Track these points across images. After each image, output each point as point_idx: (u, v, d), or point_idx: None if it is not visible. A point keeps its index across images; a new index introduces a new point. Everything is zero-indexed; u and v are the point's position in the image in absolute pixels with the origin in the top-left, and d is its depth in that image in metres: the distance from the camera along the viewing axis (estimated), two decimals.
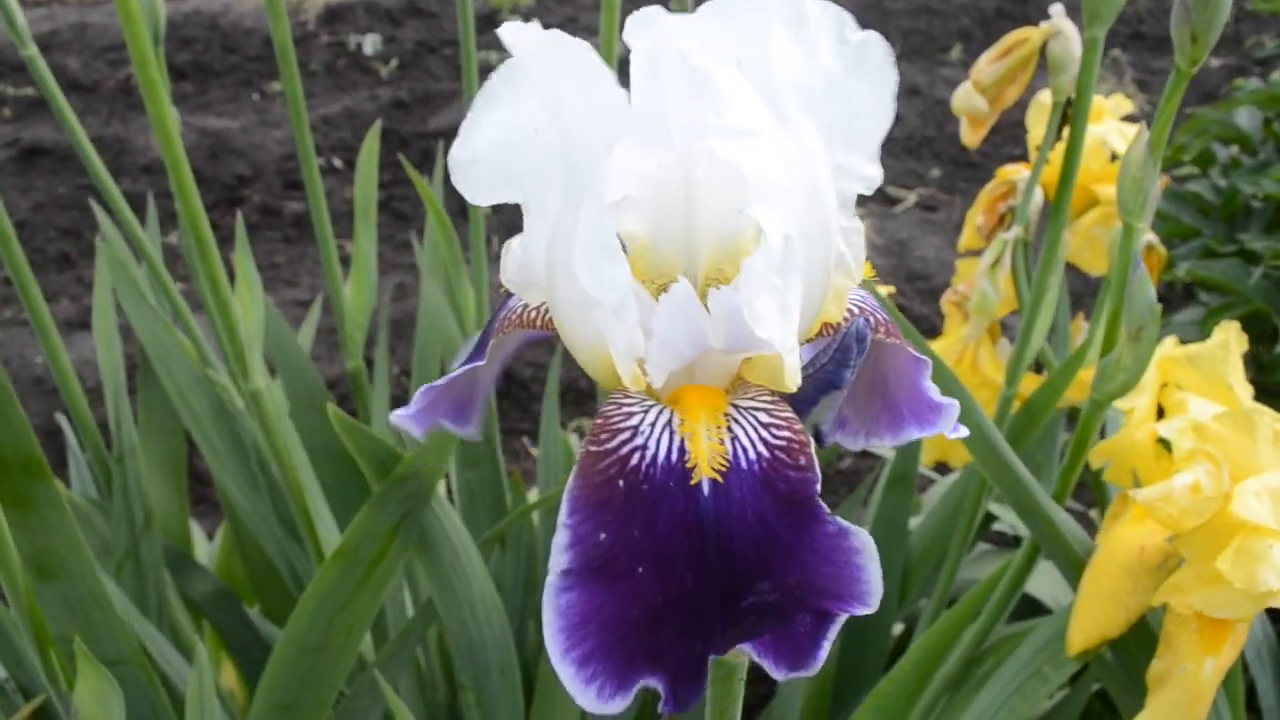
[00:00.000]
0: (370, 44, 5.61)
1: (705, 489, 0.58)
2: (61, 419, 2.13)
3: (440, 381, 0.76)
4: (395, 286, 3.77)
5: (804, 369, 0.66)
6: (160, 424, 1.84)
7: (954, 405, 0.72)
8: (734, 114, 0.60)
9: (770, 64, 0.63)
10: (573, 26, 5.85)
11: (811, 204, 0.63)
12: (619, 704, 0.56)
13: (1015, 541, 2.12)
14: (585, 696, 0.55)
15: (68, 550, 1.25)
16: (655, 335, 0.60)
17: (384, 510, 1.34)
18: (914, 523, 1.85)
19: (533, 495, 2.06)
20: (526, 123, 0.63)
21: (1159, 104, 1.13)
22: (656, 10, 0.62)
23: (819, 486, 0.59)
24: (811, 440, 0.61)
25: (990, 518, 1.94)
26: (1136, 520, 1.20)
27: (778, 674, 0.57)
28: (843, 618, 0.57)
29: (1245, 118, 3.32)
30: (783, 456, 0.59)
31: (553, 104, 0.61)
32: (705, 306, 0.61)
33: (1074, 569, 1.28)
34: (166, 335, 1.62)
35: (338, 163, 4.68)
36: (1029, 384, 1.67)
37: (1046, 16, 1.64)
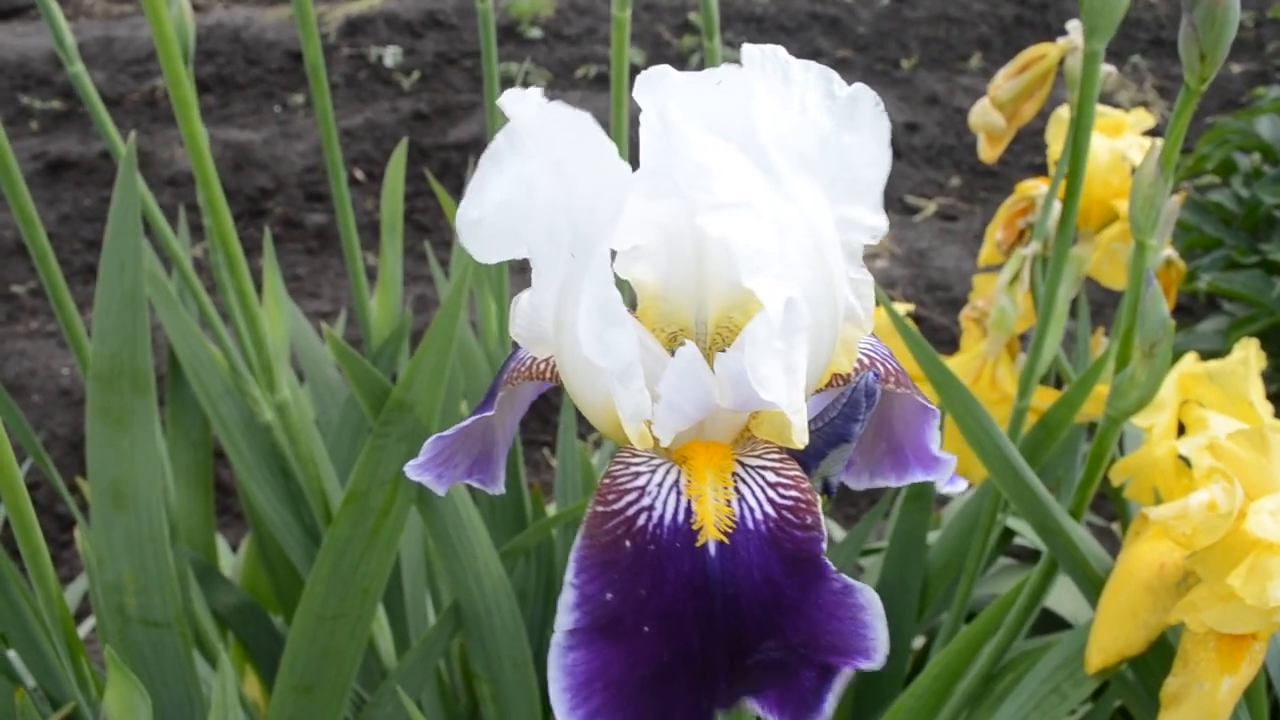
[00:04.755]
0: (391, 56, 5.66)
1: (712, 550, 0.58)
2: None
3: (450, 432, 0.77)
4: (416, 298, 3.80)
5: (813, 422, 0.66)
6: (188, 434, 1.86)
7: (952, 460, 0.74)
8: (721, 187, 0.60)
9: (761, 127, 0.63)
10: (592, 38, 5.88)
11: (814, 263, 0.63)
12: None
13: (1035, 556, 2.12)
14: None
15: (145, 478, 1.30)
16: (662, 399, 0.60)
17: (386, 449, 1.35)
18: (933, 537, 1.85)
19: (553, 508, 2.08)
20: (532, 184, 0.63)
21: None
22: (665, 70, 0.64)
23: (825, 544, 0.60)
24: (818, 498, 0.62)
25: (1010, 532, 1.94)
26: (1156, 538, 1.20)
27: None
28: (848, 672, 0.57)
29: (1267, 127, 3.30)
30: (789, 516, 0.60)
31: (556, 171, 0.62)
32: (712, 365, 0.61)
33: (1092, 586, 1.29)
34: (199, 345, 1.64)
35: (359, 174, 4.72)
36: (1047, 398, 1.68)
37: (1065, 25, 1.64)
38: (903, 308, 1.80)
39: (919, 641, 1.95)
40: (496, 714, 1.55)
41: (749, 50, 0.65)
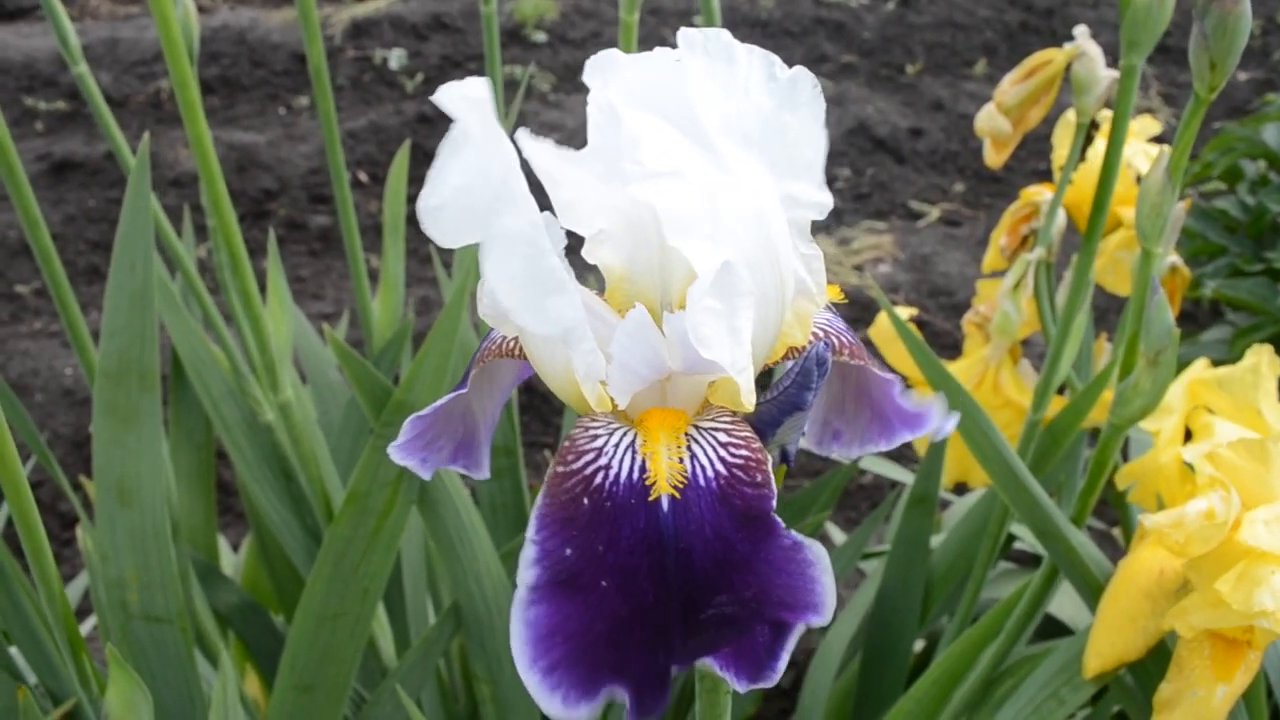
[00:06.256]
0: (396, 58, 5.67)
1: (665, 505, 0.61)
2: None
3: (427, 411, 0.79)
4: (419, 300, 3.81)
5: (768, 392, 0.69)
6: (190, 435, 1.87)
7: (932, 408, 0.77)
8: (650, 158, 0.63)
9: (703, 106, 0.66)
10: (597, 41, 5.89)
11: (754, 232, 0.66)
12: (585, 711, 0.58)
13: (1036, 560, 2.12)
14: (551, 703, 0.58)
15: (150, 475, 1.31)
16: (614, 359, 0.63)
17: (387, 450, 1.36)
18: (935, 541, 1.85)
19: None
20: (485, 166, 0.65)
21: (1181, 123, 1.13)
22: (613, 54, 0.67)
23: (775, 502, 0.62)
24: (769, 458, 0.64)
25: (1011, 536, 1.93)
26: (1156, 544, 1.20)
27: (739, 685, 0.60)
28: (800, 628, 0.60)
29: (1273, 134, 3.29)
30: (740, 474, 0.62)
31: (495, 154, 0.64)
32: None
33: (1092, 591, 1.29)
34: (202, 346, 1.65)
35: (363, 177, 4.73)
36: (1052, 405, 1.67)
37: (1071, 31, 1.64)
38: (905, 312, 1.80)
39: (920, 645, 1.95)
40: (496, 715, 1.55)
41: (689, 34, 0.68)
